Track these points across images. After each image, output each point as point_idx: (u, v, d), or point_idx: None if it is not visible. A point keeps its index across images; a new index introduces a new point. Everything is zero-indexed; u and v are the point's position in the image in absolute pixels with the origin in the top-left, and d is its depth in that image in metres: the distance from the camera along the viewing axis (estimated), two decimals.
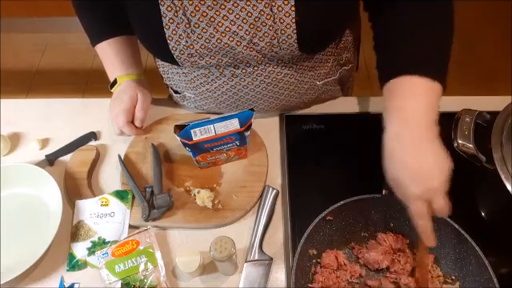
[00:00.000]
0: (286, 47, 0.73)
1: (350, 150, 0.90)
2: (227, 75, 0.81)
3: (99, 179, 0.90)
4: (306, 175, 0.86)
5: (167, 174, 0.88)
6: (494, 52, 2.27)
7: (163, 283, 0.75)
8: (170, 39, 0.72)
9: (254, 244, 0.78)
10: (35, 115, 1.01)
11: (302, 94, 0.90)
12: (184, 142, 0.78)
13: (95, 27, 0.93)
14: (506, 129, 0.76)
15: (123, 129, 0.90)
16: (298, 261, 0.68)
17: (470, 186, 0.83)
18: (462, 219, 0.70)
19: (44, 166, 0.91)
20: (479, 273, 0.67)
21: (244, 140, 0.82)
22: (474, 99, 0.95)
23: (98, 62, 0.94)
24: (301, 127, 0.94)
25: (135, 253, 0.77)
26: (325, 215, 0.72)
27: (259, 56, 0.76)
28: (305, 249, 0.70)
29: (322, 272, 0.72)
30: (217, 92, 0.86)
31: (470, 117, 0.83)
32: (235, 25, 0.71)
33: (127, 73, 0.93)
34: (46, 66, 2.46)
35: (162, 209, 0.81)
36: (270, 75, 0.81)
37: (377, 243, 0.75)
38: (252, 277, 0.76)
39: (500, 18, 2.39)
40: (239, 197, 0.84)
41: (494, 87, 2.05)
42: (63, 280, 0.77)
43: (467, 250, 0.68)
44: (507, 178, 0.71)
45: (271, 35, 0.71)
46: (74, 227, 0.82)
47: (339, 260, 0.73)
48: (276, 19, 0.69)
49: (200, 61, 0.76)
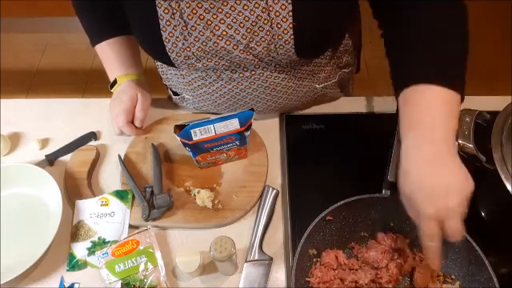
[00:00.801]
0: (283, 52, 0.73)
1: (350, 149, 0.90)
2: (224, 78, 0.81)
3: (99, 179, 0.90)
4: (306, 175, 0.86)
5: (167, 174, 0.88)
6: (494, 52, 2.27)
7: (163, 283, 0.75)
8: (166, 41, 0.72)
9: (254, 244, 0.78)
10: (35, 115, 1.01)
11: (301, 96, 0.90)
12: (184, 141, 0.78)
13: (95, 27, 0.93)
14: (506, 129, 0.76)
15: (123, 129, 0.90)
16: (297, 261, 0.68)
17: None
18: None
19: (44, 166, 0.91)
20: (479, 272, 0.67)
21: (244, 140, 0.82)
22: (473, 99, 0.94)
23: (98, 62, 0.94)
24: (301, 127, 0.94)
25: (135, 253, 0.77)
26: (325, 215, 0.72)
27: (256, 60, 0.75)
28: (305, 249, 0.70)
29: (321, 268, 0.72)
30: (215, 94, 0.86)
31: (470, 117, 0.83)
32: (232, 29, 0.71)
33: (127, 73, 0.93)
34: (46, 65, 2.46)
35: (161, 209, 0.81)
36: (268, 79, 0.81)
37: (376, 243, 0.75)
38: (252, 277, 0.76)
39: (500, 18, 2.39)
40: (239, 197, 0.84)
41: (494, 87, 2.05)
42: (63, 280, 0.77)
43: (467, 250, 0.68)
44: (507, 177, 0.71)
45: (268, 40, 0.71)
46: (74, 227, 0.82)
47: (339, 259, 0.73)
48: (273, 24, 0.69)
49: (197, 63, 0.76)
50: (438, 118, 0.62)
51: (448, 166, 0.60)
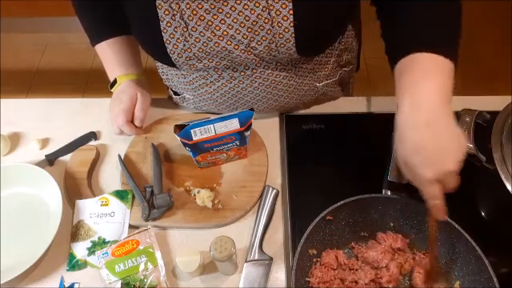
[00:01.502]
0: (284, 51, 0.73)
1: (350, 149, 0.90)
2: (225, 77, 0.81)
3: (99, 179, 0.90)
4: (306, 175, 0.86)
5: (167, 173, 0.88)
6: (494, 52, 2.27)
7: (163, 283, 0.75)
8: (167, 42, 0.72)
9: (254, 244, 0.78)
10: (35, 115, 1.01)
11: (302, 95, 0.90)
12: (184, 141, 0.78)
13: (95, 27, 0.93)
14: (506, 129, 0.76)
15: (123, 128, 0.90)
16: (297, 261, 0.68)
17: (470, 186, 0.83)
18: (462, 219, 0.70)
19: (44, 165, 0.91)
20: (479, 272, 0.67)
21: (244, 140, 0.82)
22: (474, 99, 0.95)
23: (98, 62, 0.94)
24: (301, 127, 0.94)
25: (135, 253, 0.77)
26: (325, 215, 0.72)
27: (257, 59, 0.76)
28: (305, 249, 0.70)
29: (321, 268, 0.72)
30: (216, 94, 0.86)
31: (470, 117, 0.83)
32: (233, 29, 0.71)
33: (127, 73, 0.93)
34: (46, 65, 2.46)
35: (161, 209, 0.81)
36: (269, 77, 0.81)
37: (376, 243, 0.75)
38: (252, 277, 0.76)
39: (500, 17, 2.39)
40: (239, 197, 0.84)
41: (494, 87, 2.05)
42: (63, 280, 0.77)
43: (467, 250, 0.68)
44: (507, 177, 0.71)
45: (269, 39, 0.71)
46: (74, 227, 0.82)
47: (339, 259, 0.73)
48: (274, 23, 0.69)
49: (198, 64, 0.76)
50: (433, 81, 0.63)
51: (443, 130, 0.62)
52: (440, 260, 0.73)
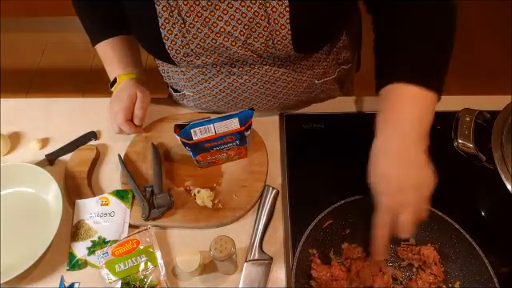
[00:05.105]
0: (281, 48, 0.73)
1: (350, 149, 0.90)
2: (224, 73, 0.81)
3: (99, 179, 0.90)
4: (306, 175, 0.86)
5: (167, 173, 0.88)
6: (494, 52, 2.27)
7: (163, 283, 0.75)
8: (165, 39, 0.72)
9: (254, 243, 0.78)
10: (35, 115, 1.01)
11: (301, 92, 0.90)
12: (184, 141, 0.78)
13: (95, 27, 0.93)
14: (506, 128, 0.76)
15: (122, 126, 0.90)
16: (298, 260, 0.68)
17: (470, 185, 0.83)
18: (462, 219, 0.70)
19: (44, 165, 0.91)
20: (479, 273, 0.67)
21: (244, 139, 0.82)
22: (474, 98, 0.95)
23: (98, 62, 0.94)
24: (301, 127, 0.94)
25: (135, 252, 0.77)
26: (325, 215, 0.72)
27: (255, 56, 0.76)
28: (305, 248, 0.70)
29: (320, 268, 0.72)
30: (215, 90, 0.86)
31: (470, 116, 0.83)
32: (230, 25, 0.71)
33: (127, 72, 0.93)
34: (45, 65, 2.46)
35: (162, 208, 0.81)
36: (267, 73, 0.81)
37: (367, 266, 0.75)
38: (252, 276, 0.76)
39: (500, 18, 2.39)
40: (239, 196, 0.84)
41: (494, 86, 2.05)
42: (63, 279, 0.77)
43: (467, 250, 0.68)
44: (507, 177, 0.71)
45: (266, 36, 0.71)
46: (74, 227, 0.82)
47: (333, 274, 0.72)
48: (270, 20, 0.69)
49: (196, 60, 0.76)
50: (409, 115, 0.64)
51: (413, 163, 0.63)
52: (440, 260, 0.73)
